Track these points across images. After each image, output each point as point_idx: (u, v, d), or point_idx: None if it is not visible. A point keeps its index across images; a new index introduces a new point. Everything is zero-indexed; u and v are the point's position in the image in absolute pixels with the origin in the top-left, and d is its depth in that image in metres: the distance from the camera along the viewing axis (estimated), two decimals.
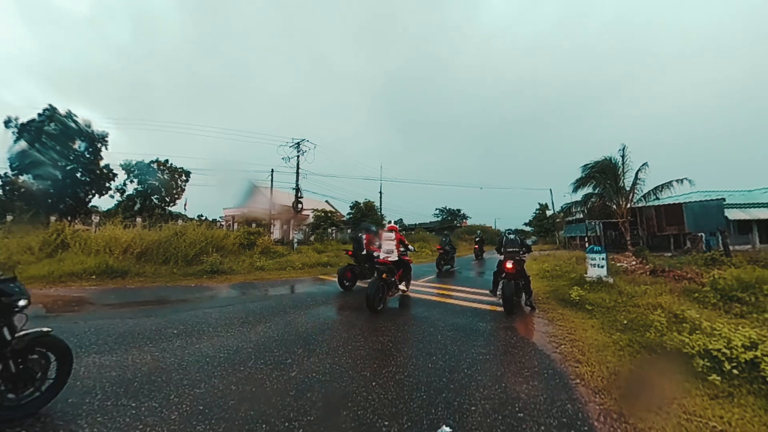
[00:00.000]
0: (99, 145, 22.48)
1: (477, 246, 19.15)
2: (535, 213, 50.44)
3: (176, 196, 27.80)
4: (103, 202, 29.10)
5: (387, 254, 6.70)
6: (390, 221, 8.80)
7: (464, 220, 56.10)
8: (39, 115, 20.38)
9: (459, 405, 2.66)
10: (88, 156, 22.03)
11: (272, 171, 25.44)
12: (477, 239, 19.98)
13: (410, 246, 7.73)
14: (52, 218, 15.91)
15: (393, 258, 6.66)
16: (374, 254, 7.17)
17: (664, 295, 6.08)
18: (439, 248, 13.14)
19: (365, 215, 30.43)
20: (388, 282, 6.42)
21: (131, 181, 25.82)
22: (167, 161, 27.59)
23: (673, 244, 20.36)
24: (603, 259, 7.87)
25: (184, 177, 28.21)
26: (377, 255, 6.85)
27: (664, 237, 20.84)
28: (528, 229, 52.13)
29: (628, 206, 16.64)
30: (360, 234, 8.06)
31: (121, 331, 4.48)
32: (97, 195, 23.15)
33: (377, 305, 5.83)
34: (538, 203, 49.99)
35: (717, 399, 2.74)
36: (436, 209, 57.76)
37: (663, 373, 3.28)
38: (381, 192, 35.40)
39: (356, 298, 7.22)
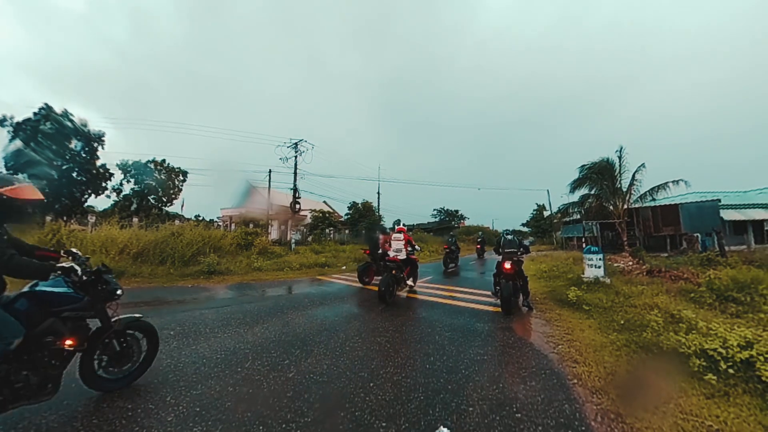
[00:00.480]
0: (95, 145, 22.32)
1: (479, 246, 20.93)
2: (533, 214, 50.67)
3: (173, 197, 27.69)
4: (100, 202, 29.01)
5: (396, 253, 7.35)
6: (400, 223, 9.40)
7: (462, 221, 56.07)
8: (35, 114, 20.20)
9: (457, 406, 2.66)
10: (85, 155, 21.87)
11: (270, 171, 25.37)
12: (479, 240, 21.72)
13: (417, 246, 8.35)
14: (48, 218, 15.79)
15: (402, 256, 7.34)
16: (387, 252, 7.75)
17: (661, 296, 6.11)
18: (446, 247, 13.95)
19: (363, 216, 30.42)
20: (398, 277, 7.10)
21: (128, 181, 25.69)
22: (164, 161, 27.48)
23: (670, 245, 20.49)
24: (600, 260, 7.89)
25: (182, 177, 28.10)
26: (388, 253, 7.48)
27: (661, 237, 20.98)
28: (525, 230, 52.28)
29: (625, 207, 16.69)
30: (376, 235, 8.71)
31: None
32: (94, 195, 22.96)
33: (388, 298, 6.52)
34: (536, 204, 50.28)
35: (713, 398, 2.75)
36: (434, 210, 57.72)
37: (659, 373, 3.29)
38: (379, 192, 35.52)
39: (355, 299, 7.24)
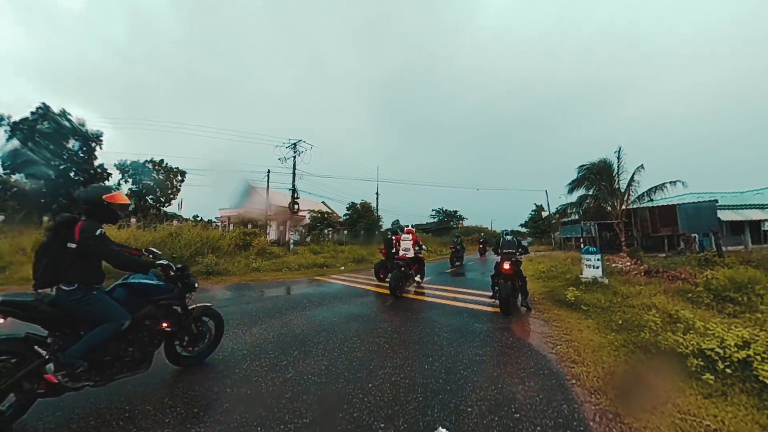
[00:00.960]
0: (93, 145, 22.26)
1: (481, 245, 23.28)
2: (531, 214, 50.68)
3: (171, 197, 27.59)
4: None
5: (405, 251, 8.08)
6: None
7: (461, 221, 56.09)
8: (32, 114, 20.13)
9: (455, 406, 2.66)
10: (82, 155, 21.79)
11: (269, 171, 25.28)
12: (481, 240, 24.18)
13: (423, 246, 9.14)
14: (45, 218, 15.73)
15: (410, 255, 8.08)
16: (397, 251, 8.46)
17: (659, 296, 6.12)
18: (452, 247, 16.38)
19: (362, 216, 30.38)
20: (407, 274, 7.84)
21: (126, 181, 25.59)
22: (162, 161, 27.39)
23: (667, 245, 20.55)
24: (598, 260, 7.90)
25: (180, 177, 28.02)
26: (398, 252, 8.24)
27: (659, 238, 21.04)
28: (524, 230, 52.32)
29: (623, 208, 16.75)
30: (390, 236, 9.47)
31: None
32: None
33: (399, 292, 7.28)
34: (534, 204, 50.25)
35: (711, 398, 2.76)
36: (433, 210, 57.61)
37: (658, 373, 3.30)
38: (378, 193, 35.38)
39: (353, 300, 7.24)
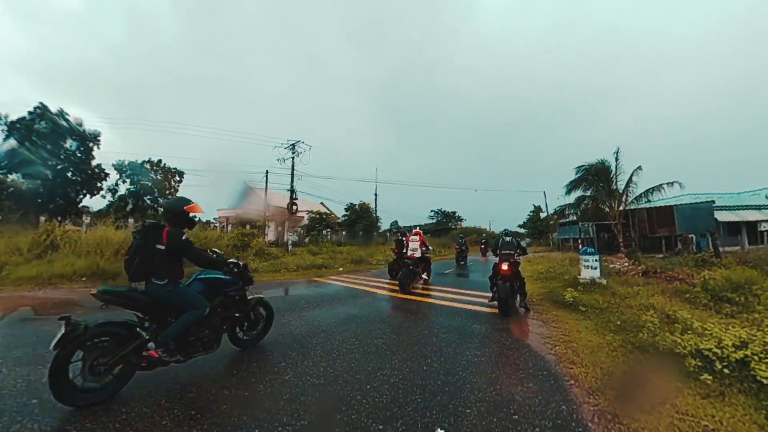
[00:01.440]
0: (91, 145, 22.15)
1: (482, 246, 24.70)
2: (530, 215, 50.75)
3: (169, 197, 27.51)
4: (95, 203, 28.64)
5: (413, 252, 8.86)
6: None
7: (459, 222, 56.08)
8: (29, 113, 20.02)
9: (454, 408, 2.65)
10: (80, 155, 21.69)
11: (267, 172, 25.25)
12: (482, 241, 25.98)
13: (430, 247, 10.06)
14: (42, 218, 15.65)
15: (417, 255, 8.85)
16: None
17: (656, 296, 6.13)
18: (458, 248, 17.41)
19: (360, 217, 30.37)
20: (414, 272, 8.64)
21: (123, 182, 25.54)
22: (160, 161, 27.34)
23: (665, 246, 20.64)
24: (596, 261, 7.92)
25: (178, 177, 27.98)
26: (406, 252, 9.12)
27: (656, 239, 21.12)
28: (522, 231, 52.36)
29: (621, 208, 16.81)
30: (401, 237, 10.51)
31: None
32: (89, 195, 22.79)
33: (408, 288, 8.07)
34: (533, 205, 50.29)
35: (709, 398, 2.76)
36: (432, 211, 57.59)
37: (656, 374, 3.31)
38: (376, 194, 35.35)
39: (352, 301, 7.23)
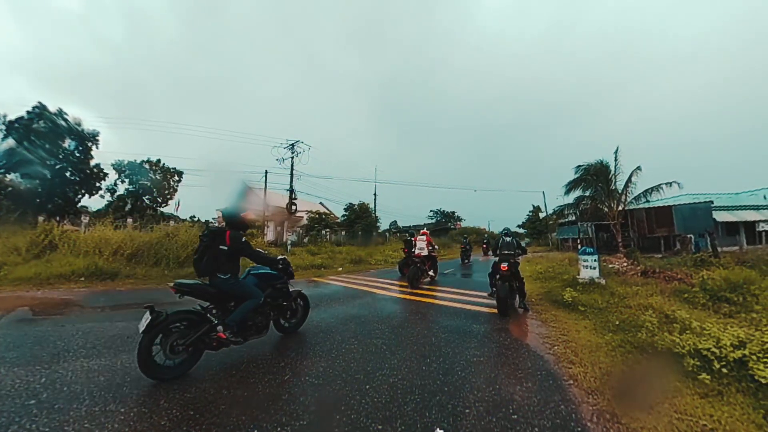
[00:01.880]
0: (89, 144, 22.11)
1: (485, 246, 25.30)
2: (529, 215, 50.89)
3: (168, 197, 27.46)
4: (93, 203, 28.55)
5: (420, 250, 9.52)
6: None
7: (458, 222, 56.13)
8: (28, 113, 19.97)
9: (453, 408, 2.65)
10: (78, 155, 21.65)
11: (266, 172, 25.22)
12: (484, 241, 26.97)
13: (436, 246, 10.82)
14: (40, 218, 15.59)
15: (424, 253, 9.54)
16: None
17: (655, 296, 6.14)
18: (462, 247, 18.48)
19: (359, 217, 30.36)
20: (421, 269, 9.34)
21: (122, 181, 25.48)
22: (159, 161, 27.27)
23: (664, 246, 20.69)
24: (595, 261, 7.93)
25: (177, 177, 27.90)
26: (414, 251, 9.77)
27: (655, 239, 21.17)
28: (521, 231, 52.43)
29: (620, 209, 16.84)
30: (409, 237, 11.02)
31: (111, 335, 4.39)
32: (87, 195, 22.75)
33: (416, 284, 8.76)
34: (532, 205, 50.43)
35: (707, 398, 2.77)
36: (431, 211, 57.75)
37: (654, 373, 3.31)
38: (375, 194, 35.37)
39: (351, 301, 7.23)
